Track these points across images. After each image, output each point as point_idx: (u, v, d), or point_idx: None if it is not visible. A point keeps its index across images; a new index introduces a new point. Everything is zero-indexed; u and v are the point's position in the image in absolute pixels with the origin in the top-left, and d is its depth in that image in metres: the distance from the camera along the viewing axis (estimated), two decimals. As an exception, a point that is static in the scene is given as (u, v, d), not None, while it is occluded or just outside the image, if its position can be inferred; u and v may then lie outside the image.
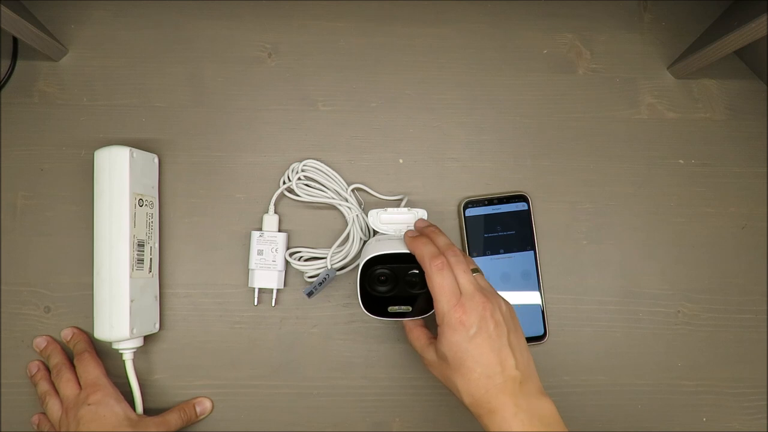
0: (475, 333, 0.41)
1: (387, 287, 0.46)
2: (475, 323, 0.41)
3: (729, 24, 0.51)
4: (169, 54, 0.56)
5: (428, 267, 0.43)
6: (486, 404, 0.40)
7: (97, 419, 0.46)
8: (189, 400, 0.52)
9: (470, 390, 0.41)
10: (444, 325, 0.42)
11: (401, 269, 0.46)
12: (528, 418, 0.39)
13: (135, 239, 0.49)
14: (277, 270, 0.52)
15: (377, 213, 0.50)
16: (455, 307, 0.41)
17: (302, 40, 0.57)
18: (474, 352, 0.41)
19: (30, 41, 0.50)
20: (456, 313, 0.41)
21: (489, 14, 0.58)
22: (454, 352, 0.41)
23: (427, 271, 0.43)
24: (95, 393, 0.47)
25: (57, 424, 0.48)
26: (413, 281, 0.46)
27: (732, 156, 0.58)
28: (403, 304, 0.46)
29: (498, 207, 0.55)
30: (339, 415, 0.53)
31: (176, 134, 0.55)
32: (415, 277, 0.46)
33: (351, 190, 0.53)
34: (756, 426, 0.54)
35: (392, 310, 0.46)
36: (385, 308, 0.46)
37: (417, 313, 0.46)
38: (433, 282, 0.42)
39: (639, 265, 0.56)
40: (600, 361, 0.55)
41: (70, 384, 0.48)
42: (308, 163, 0.54)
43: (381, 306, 0.46)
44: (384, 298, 0.46)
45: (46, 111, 0.55)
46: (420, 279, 0.45)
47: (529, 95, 0.57)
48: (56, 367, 0.49)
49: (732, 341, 0.55)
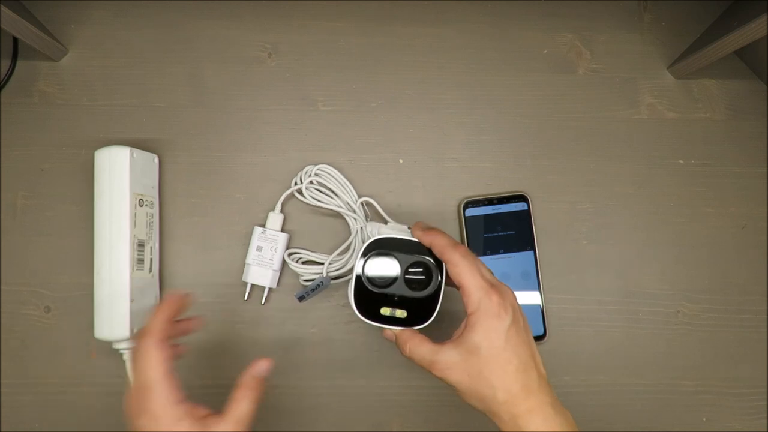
0: (510, 323, 0.38)
1: (385, 280, 0.42)
2: (510, 312, 0.38)
3: (729, 24, 0.51)
4: (169, 54, 0.56)
5: (451, 254, 0.39)
6: (524, 401, 0.37)
7: None
8: (245, 376, 0.41)
9: (507, 384, 0.37)
10: (480, 312, 0.38)
11: (403, 259, 0.42)
12: (565, 422, 0.37)
13: (135, 239, 0.49)
14: (272, 269, 0.52)
15: (378, 226, 0.48)
16: (491, 291, 0.38)
17: (302, 40, 0.57)
18: (512, 342, 0.37)
19: (30, 41, 0.50)
20: (494, 297, 0.38)
21: (489, 14, 0.58)
22: (492, 340, 0.37)
23: (451, 259, 0.39)
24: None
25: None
26: (414, 279, 0.42)
27: (732, 156, 0.58)
28: (397, 306, 0.42)
29: (498, 207, 0.55)
30: (339, 415, 0.53)
31: (176, 134, 0.55)
32: (417, 273, 0.42)
33: (360, 202, 0.53)
34: (756, 426, 0.54)
35: (384, 313, 0.42)
36: (377, 310, 0.42)
37: (412, 321, 0.42)
38: (462, 267, 0.39)
39: (639, 265, 0.56)
40: (600, 361, 0.55)
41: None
42: (323, 168, 0.54)
43: (373, 306, 0.42)
44: (377, 296, 0.42)
45: (46, 111, 0.55)
46: (424, 276, 0.42)
47: (529, 95, 0.57)
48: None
49: (732, 341, 0.55)
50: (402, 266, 0.42)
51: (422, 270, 0.43)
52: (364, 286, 0.42)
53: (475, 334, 0.38)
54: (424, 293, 0.42)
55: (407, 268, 0.43)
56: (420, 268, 0.43)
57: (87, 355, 0.52)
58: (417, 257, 0.42)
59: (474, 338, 0.38)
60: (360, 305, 0.42)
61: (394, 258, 0.42)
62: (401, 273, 0.42)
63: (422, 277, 0.42)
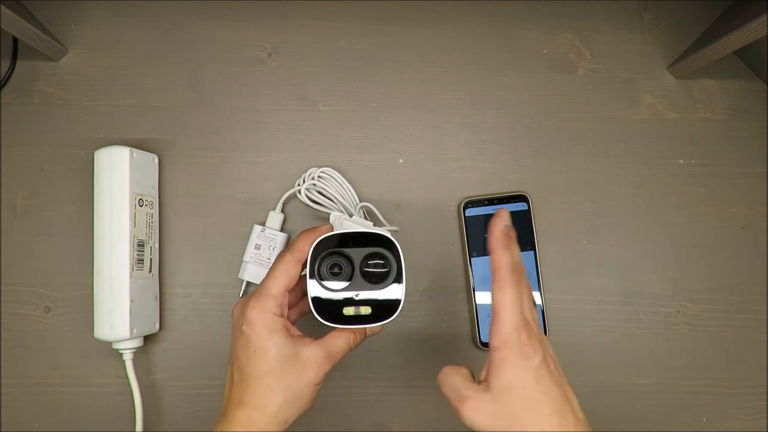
0: (539, 365, 0.34)
1: (340, 282, 0.39)
2: (540, 352, 0.34)
3: (729, 24, 0.51)
4: (169, 54, 0.56)
5: (504, 276, 0.35)
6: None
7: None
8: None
9: (543, 428, 0.33)
10: (506, 349, 0.34)
11: (357, 254, 0.39)
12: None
13: (135, 239, 0.49)
14: (269, 269, 0.52)
15: (340, 217, 0.47)
16: (522, 328, 0.34)
17: (302, 40, 0.57)
18: (545, 383, 0.34)
19: (30, 41, 0.50)
20: (523, 335, 0.34)
21: (489, 14, 0.58)
22: (524, 380, 0.34)
23: (501, 281, 0.35)
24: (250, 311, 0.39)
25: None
26: (372, 272, 0.39)
27: (732, 156, 0.58)
28: (360, 304, 0.39)
29: (498, 207, 0.55)
30: (339, 415, 0.53)
31: (176, 134, 0.55)
32: (375, 266, 0.39)
33: (360, 207, 0.53)
34: (756, 426, 0.54)
35: (348, 313, 0.39)
36: (341, 311, 0.39)
37: (379, 316, 0.39)
38: (507, 296, 0.35)
39: (639, 265, 0.56)
40: (600, 361, 0.55)
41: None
42: (326, 171, 0.53)
43: (335, 308, 0.39)
44: (337, 300, 0.39)
45: (46, 111, 0.55)
46: (382, 267, 0.39)
47: (529, 95, 0.57)
48: None
49: (732, 341, 0.55)
50: (356, 261, 0.40)
51: (380, 262, 0.40)
52: (322, 289, 0.39)
53: (505, 372, 0.34)
54: (384, 285, 0.39)
55: (363, 261, 0.40)
56: (377, 259, 0.40)
57: (87, 355, 0.52)
58: (371, 249, 0.39)
59: (504, 377, 0.34)
60: (321, 311, 0.39)
61: (345, 255, 0.40)
62: (357, 267, 0.40)
63: (381, 269, 0.40)
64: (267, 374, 0.38)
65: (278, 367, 0.38)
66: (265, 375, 0.38)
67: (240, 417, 0.38)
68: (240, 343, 0.39)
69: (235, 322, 0.40)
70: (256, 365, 0.38)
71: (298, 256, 0.40)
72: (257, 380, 0.38)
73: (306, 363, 0.39)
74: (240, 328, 0.39)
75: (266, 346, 0.38)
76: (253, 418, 0.38)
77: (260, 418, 0.38)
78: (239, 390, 0.39)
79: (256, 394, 0.38)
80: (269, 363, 0.38)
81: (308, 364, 0.39)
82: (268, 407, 0.38)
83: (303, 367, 0.39)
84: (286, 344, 0.38)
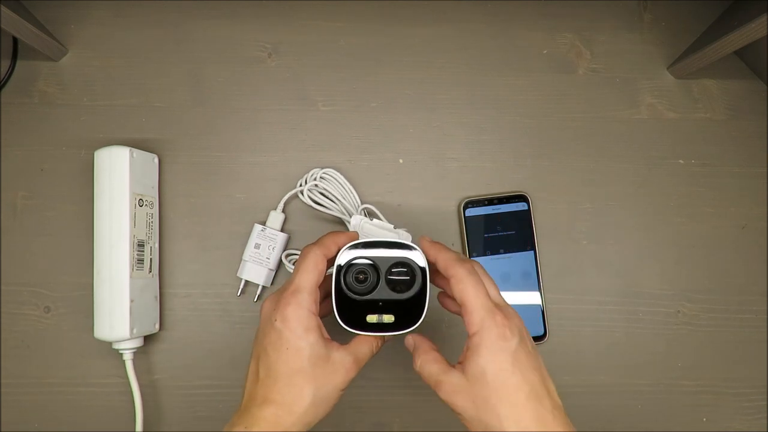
0: (516, 347, 0.35)
1: (364, 286, 0.39)
2: (516, 336, 0.35)
3: (729, 24, 0.51)
4: (169, 54, 0.56)
5: (456, 270, 0.37)
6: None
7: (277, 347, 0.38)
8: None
9: (518, 416, 0.34)
10: (483, 333, 0.35)
11: (383, 261, 0.39)
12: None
13: (135, 239, 0.49)
14: (268, 268, 0.52)
15: (362, 220, 0.47)
16: (495, 311, 0.35)
17: (302, 40, 0.57)
18: (520, 367, 0.35)
19: (30, 41, 0.50)
20: (498, 317, 0.35)
21: (489, 14, 0.58)
22: (499, 364, 0.34)
23: (455, 275, 0.37)
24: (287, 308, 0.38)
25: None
26: (397, 280, 0.40)
27: (732, 156, 0.58)
28: (384, 312, 0.39)
29: (498, 207, 0.55)
30: (339, 415, 0.53)
31: (176, 134, 0.55)
32: (400, 274, 0.39)
33: (362, 209, 0.53)
34: (756, 426, 0.54)
35: (371, 320, 0.39)
36: (363, 318, 0.39)
37: (401, 324, 0.39)
38: (467, 285, 0.36)
39: (639, 265, 0.56)
40: (600, 361, 0.55)
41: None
42: (328, 171, 0.53)
43: (358, 315, 0.39)
44: (361, 304, 0.39)
45: (46, 111, 0.55)
46: (407, 276, 0.39)
47: (529, 95, 0.57)
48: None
49: (732, 341, 0.55)
50: (383, 268, 0.40)
51: (405, 270, 0.40)
52: (346, 296, 0.39)
53: (480, 357, 0.35)
54: (408, 294, 0.39)
55: (388, 269, 0.40)
56: (402, 267, 0.40)
57: (87, 355, 0.52)
58: (397, 257, 0.40)
59: (479, 362, 0.35)
60: (344, 316, 0.39)
61: (372, 261, 0.40)
62: (383, 276, 0.40)
63: (405, 277, 0.40)
64: (298, 373, 0.37)
65: (310, 367, 0.37)
66: (296, 374, 0.37)
67: (266, 415, 0.36)
68: (271, 338, 0.38)
69: (267, 316, 0.39)
70: (287, 363, 0.37)
71: (325, 252, 0.39)
72: (287, 378, 0.37)
73: (336, 366, 0.38)
74: (272, 323, 0.38)
75: (300, 344, 0.37)
76: (280, 417, 0.36)
77: (288, 417, 0.36)
78: (265, 387, 0.37)
79: (285, 393, 0.37)
80: (302, 362, 0.37)
81: (338, 368, 0.38)
82: (297, 407, 0.37)
83: (333, 370, 0.38)
84: (319, 345, 0.37)
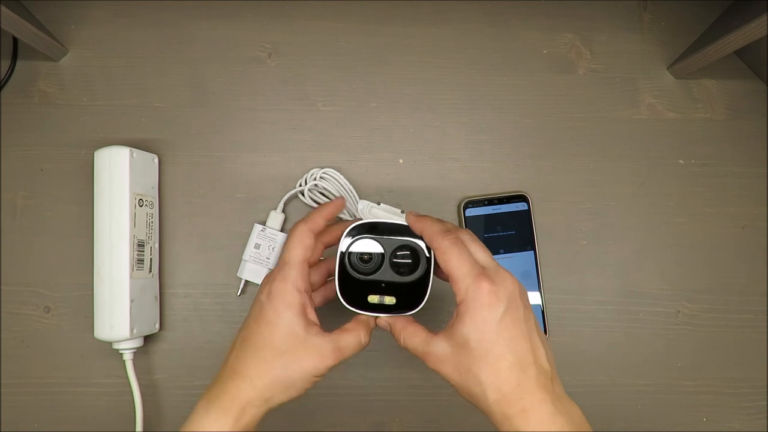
0: (504, 312, 0.34)
1: (368, 266, 0.40)
2: (504, 300, 0.34)
3: (729, 24, 0.51)
4: (169, 54, 0.56)
5: (440, 241, 0.37)
6: (517, 401, 0.33)
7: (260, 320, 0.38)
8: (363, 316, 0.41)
9: (499, 383, 0.34)
10: (468, 301, 0.35)
11: (389, 243, 0.40)
12: (567, 422, 0.33)
13: (135, 239, 0.49)
14: (268, 268, 0.52)
15: (370, 205, 0.48)
16: (481, 278, 0.35)
17: (302, 40, 0.57)
18: (505, 335, 0.34)
19: (30, 41, 0.50)
20: (483, 284, 0.34)
21: (489, 14, 0.58)
22: (482, 333, 0.34)
23: (439, 247, 0.37)
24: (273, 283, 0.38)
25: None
26: (401, 263, 0.40)
27: (732, 156, 0.58)
28: (386, 293, 0.40)
29: (498, 207, 0.55)
30: (339, 416, 0.53)
31: (176, 134, 0.55)
32: (404, 257, 0.40)
33: (361, 208, 0.53)
34: (756, 426, 0.55)
35: (373, 301, 0.40)
36: (365, 298, 0.40)
37: (402, 307, 0.40)
38: (449, 254, 0.36)
39: (639, 265, 0.56)
40: (600, 361, 0.55)
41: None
42: (328, 171, 0.54)
43: (360, 294, 0.40)
44: (363, 284, 0.40)
45: (46, 111, 0.55)
46: (411, 259, 0.40)
47: (529, 95, 0.57)
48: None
49: (732, 341, 0.55)
50: (387, 250, 0.40)
51: (409, 253, 0.40)
52: (349, 274, 0.40)
53: (463, 326, 0.35)
54: (412, 278, 0.40)
55: (393, 252, 0.40)
56: (406, 251, 0.40)
57: (87, 355, 0.52)
58: (402, 240, 0.40)
59: (462, 330, 0.35)
60: (346, 294, 0.40)
61: (378, 242, 0.40)
62: (387, 258, 0.40)
63: (409, 261, 0.40)
64: (266, 348, 0.37)
65: (282, 344, 0.37)
66: (265, 348, 0.37)
67: (229, 387, 0.37)
68: (254, 310, 0.39)
69: (259, 290, 0.40)
70: (262, 336, 0.37)
71: (311, 226, 0.40)
72: (255, 351, 0.37)
73: (310, 350, 0.37)
74: (259, 296, 0.39)
75: (276, 320, 0.37)
76: (241, 390, 0.36)
77: (248, 390, 0.36)
78: (236, 358, 0.38)
79: (250, 365, 0.37)
80: (273, 338, 0.37)
81: (312, 352, 0.37)
82: (259, 381, 0.36)
83: (306, 354, 0.37)
84: (297, 324, 0.37)
